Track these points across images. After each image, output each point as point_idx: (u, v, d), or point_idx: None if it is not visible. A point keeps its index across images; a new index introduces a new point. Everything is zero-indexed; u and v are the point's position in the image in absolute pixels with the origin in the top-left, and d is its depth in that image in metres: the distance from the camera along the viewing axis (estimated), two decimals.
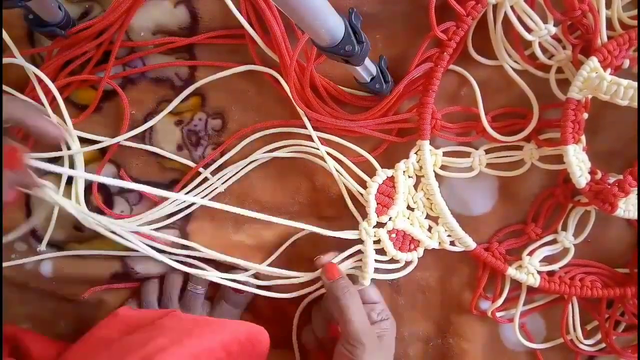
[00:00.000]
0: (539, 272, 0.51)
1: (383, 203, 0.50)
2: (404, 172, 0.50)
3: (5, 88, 0.49)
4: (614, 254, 0.52)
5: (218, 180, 0.51)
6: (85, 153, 0.51)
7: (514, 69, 0.48)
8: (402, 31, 0.49)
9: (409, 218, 0.51)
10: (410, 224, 0.51)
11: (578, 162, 0.47)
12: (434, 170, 0.50)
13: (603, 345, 0.53)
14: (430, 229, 0.51)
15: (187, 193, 0.51)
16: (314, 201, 0.52)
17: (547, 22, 0.46)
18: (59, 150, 0.50)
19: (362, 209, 0.50)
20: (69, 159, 0.50)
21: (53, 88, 0.48)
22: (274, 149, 0.51)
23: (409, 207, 0.51)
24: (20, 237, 0.52)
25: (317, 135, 0.50)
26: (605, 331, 0.52)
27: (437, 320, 0.54)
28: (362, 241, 0.50)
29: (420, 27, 0.48)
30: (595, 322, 0.53)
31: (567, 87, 0.46)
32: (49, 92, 0.49)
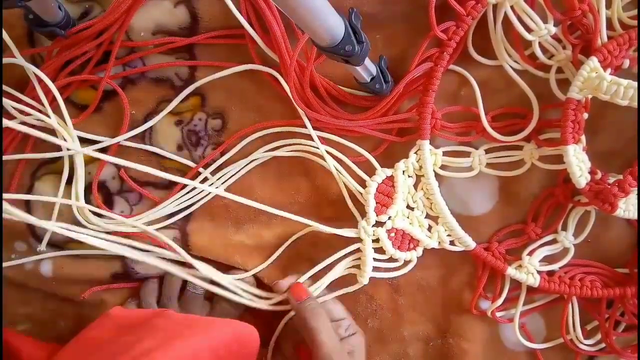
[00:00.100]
0: (539, 271, 0.51)
1: (382, 202, 0.50)
2: (403, 171, 0.50)
3: (5, 88, 0.49)
4: (614, 254, 0.52)
5: (219, 180, 0.51)
6: (84, 153, 0.51)
7: (514, 69, 0.48)
8: (402, 31, 0.49)
9: (408, 217, 0.51)
10: (410, 224, 0.51)
11: (578, 162, 0.47)
12: (434, 170, 0.50)
13: (603, 345, 0.53)
14: (430, 228, 0.51)
15: (187, 193, 0.51)
16: (314, 201, 0.52)
17: (547, 22, 0.46)
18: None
19: (362, 208, 0.50)
20: (69, 159, 0.51)
21: (53, 88, 0.48)
22: (274, 148, 0.51)
23: (408, 207, 0.51)
24: (20, 237, 0.52)
25: (317, 135, 0.50)
26: (605, 331, 0.52)
27: (437, 320, 0.54)
28: (361, 240, 0.50)
29: (420, 27, 0.48)
30: (595, 322, 0.53)
31: (567, 87, 0.46)
32: (49, 92, 0.49)
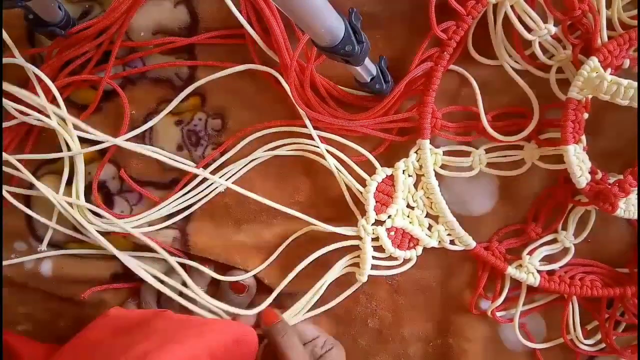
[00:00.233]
0: (539, 271, 0.51)
1: (382, 201, 0.50)
2: (403, 171, 0.50)
3: (6, 88, 0.49)
4: (614, 253, 0.52)
5: (222, 177, 0.51)
6: (85, 153, 0.51)
7: (514, 68, 0.48)
8: (402, 31, 0.49)
9: (408, 216, 0.51)
10: (410, 223, 0.51)
11: (578, 162, 0.47)
12: (434, 169, 0.50)
13: (603, 345, 0.53)
14: (430, 227, 0.51)
15: (187, 193, 0.51)
16: (314, 202, 0.52)
17: (547, 21, 0.46)
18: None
19: (363, 208, 0.50)
20: (70, 159, 0.51)
21: (53, 88, 0.48)
22: (274, 147, 0.51)
23: (409, 206, 0.51)
24: (20, 237, 0.52)
25: (317, 134, 0.50)
26: (605, 331, 0.52)
27: (437, 320, 0.54)
28: (361, 238, 0.50)
29: (420, 27, 0.48)
30: (595, 322, 0.53)
31: (568, 87, 0.46)
32: (49, 92, 0.48)
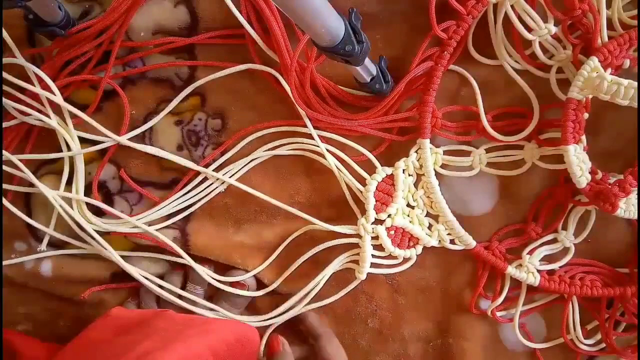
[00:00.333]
0: (539, 271, 0.51)
1: (382, 200, 0.50)
2: (403, 170, 0.50)
3: (5, 88, 0.49)
4: (614, 253, 0.52)
5: (225, 175, 0.51)
6: (85, 153, 0.51)
7: (514, 68, 0.48)
8: (402, 31, 0.49)
9: (408, 216, 0.51)
10: (410, 222, 0.51)
11: (578, 162, 0.47)
12: (434, 169, 0.50)
13: (603, 345, 0.53)
14: (430, 227, 0.51)
15: (187, 193, 0.51)
16: (314, 201, 0.52)
17: (547, 21, 0.46)
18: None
19: (363, 207, 0.50)
20: (70, 159, 0.51)
21: (54, 88, 0.48)
22: (274, 147, 0.51)
23: (409, 205, 0.51)
24: (20, 237, 0.52)
25: (318, 134, 0.50)
26: (605, 331, 0.52)
27: (437, 320, 0.54)
28: (360, 237, 0.50)
29: (420, 27, 0.48)
30: (595, 322, 0.53)
31: (568, 87, 0.46)
32: (49, 92, 0.48)
